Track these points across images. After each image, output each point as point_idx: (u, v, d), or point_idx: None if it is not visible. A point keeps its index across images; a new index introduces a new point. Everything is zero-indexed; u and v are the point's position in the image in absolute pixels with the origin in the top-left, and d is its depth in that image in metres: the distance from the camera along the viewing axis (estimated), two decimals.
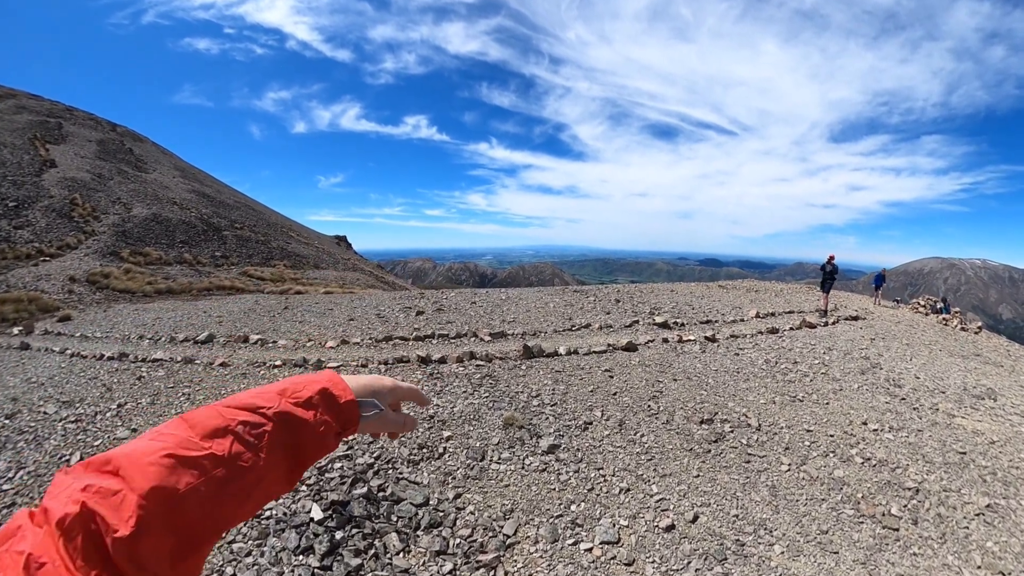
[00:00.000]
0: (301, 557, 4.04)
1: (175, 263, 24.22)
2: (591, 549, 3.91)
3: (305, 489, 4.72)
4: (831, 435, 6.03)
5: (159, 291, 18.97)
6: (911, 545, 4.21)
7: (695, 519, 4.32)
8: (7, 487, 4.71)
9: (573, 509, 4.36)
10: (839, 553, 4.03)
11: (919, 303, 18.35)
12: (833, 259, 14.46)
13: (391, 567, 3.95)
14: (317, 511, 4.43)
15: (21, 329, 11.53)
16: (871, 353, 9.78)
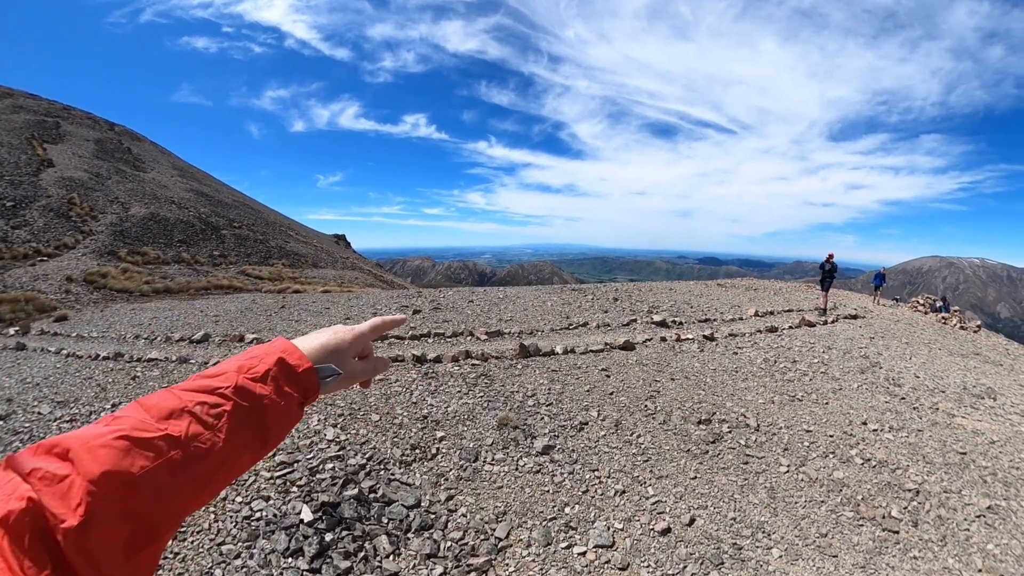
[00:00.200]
0: (290, 559, 3.99)
1: (173, 262, 24.14)
2: (584, 553, 3.83)
3: (296, 490, 4.66)
4: (831, 435, 5.95)
5: (156, 291, 18.91)
6: (911, 548, 4.14)
7: (692, 522, 4.24)
8: None
9: (567, 511, 4.28)
10: (838, 557, 3.95)
11: (918, 302, 18.29)
12: (832, 258, 14.38)
13: (380, 570, 3.89)
14: (307, 512, 4.38)
15: (17, 329, 11.46)
16: (870, 352, 9.70)
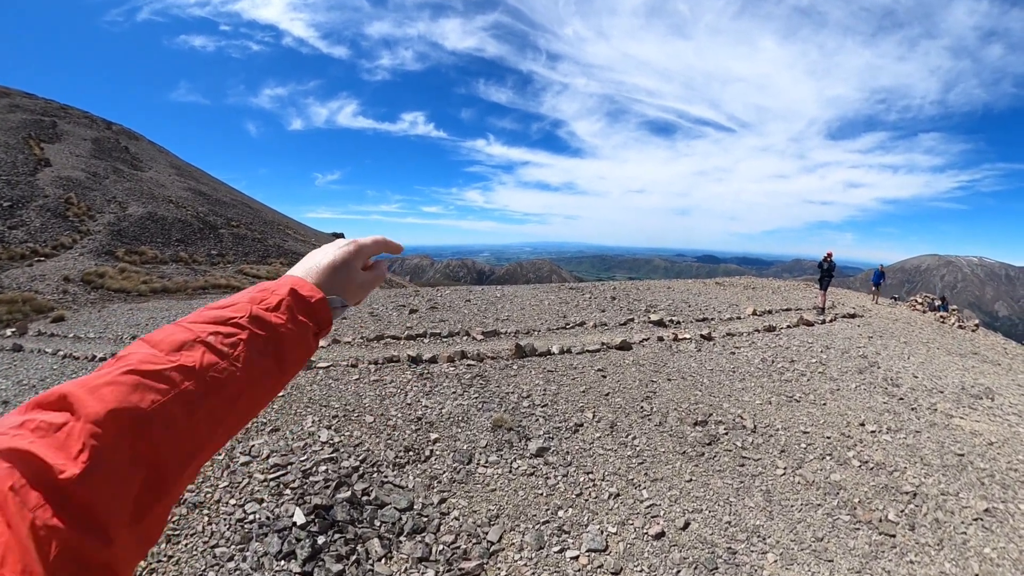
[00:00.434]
0: (283, 562, 3.97)
1: (171, 262, 24.09)
2: (577, 557, 3.78)
3: (289, 493, 4.63)
4: (828, 437, 5.91)
5: (154, 290, 18.87)
6: (908, 552, 4.09)
7: (686, 526, 4.19)
8: None
9: (560, 515, 4.24)
10: (834, 561, 3.91)
11: (917, 300, 18.26)
12: (831, 256, 14.35)
13: (372, 573, 3.85)
14: (300, 515, 4.35)
15: (14, 330, 11.41)
16: (869, 352, 9.66)
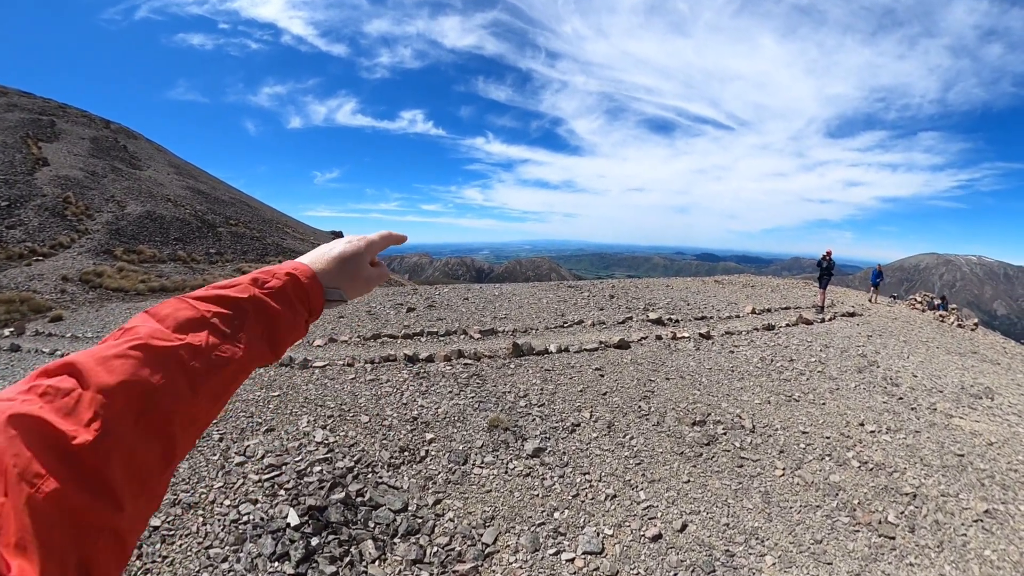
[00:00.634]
0: (277, 564, 3.93)
1: (169, 261, 24.00)
2: (573, 560, 3.73)
3: (283, 494, 4.59)
4: (827, 437, 5.86)
5: (152, 289, 18.79)
6: (908, 554, 4.05)
7: (683, 528, 4.14)
8: None
9: (556, 516, 4.19)
10: (833, 564, 3.86)
11: (916, 299, 18.22)
12: (831, 254, 14.29)
13: (366, 575, 3.81)
14: (294, 516, 4.31)
15: (12, 330, 11.34)
16: (868, 351, 9.62)
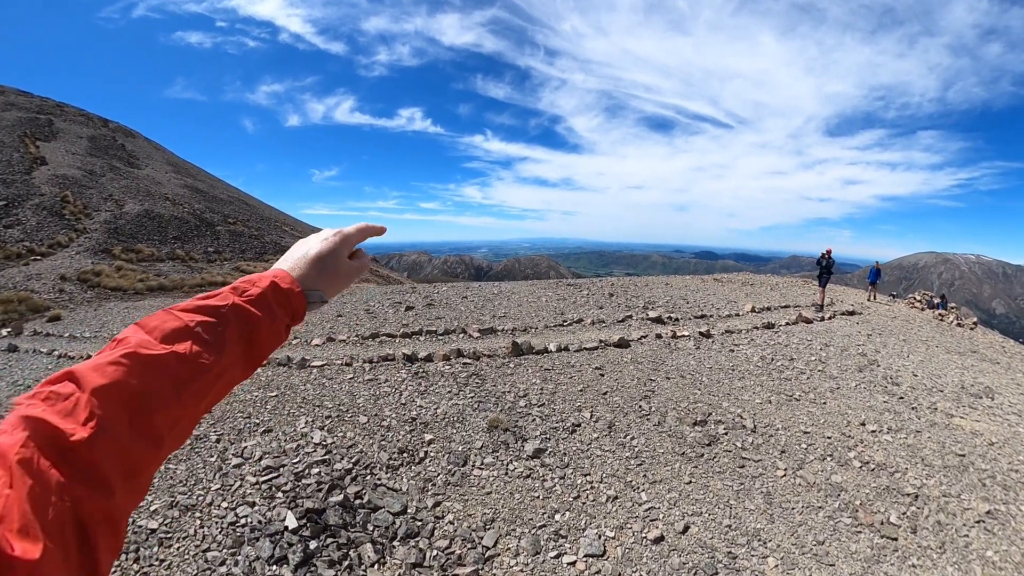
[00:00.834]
0: (275, 567, 3.89)
1: (167, 259, 23.91)
2: (574, 563, 3.70)
3: (281, 496, 4.55)
4: (828, 437, 5.83)
5: (151, 288, 18.71)
6: (910, 555, 4.03)
7: (685, 530, 4.11)
8: None
9: (557, 519, 4.15)
10: (835, 565, 3.83)
11: (915, 298, 18.22)
12: (830, 253, 14.28)
13: None
14: (292, 519, 4.27)
15: (10, 331, 11.29)
16: (868, 349, 9.59)
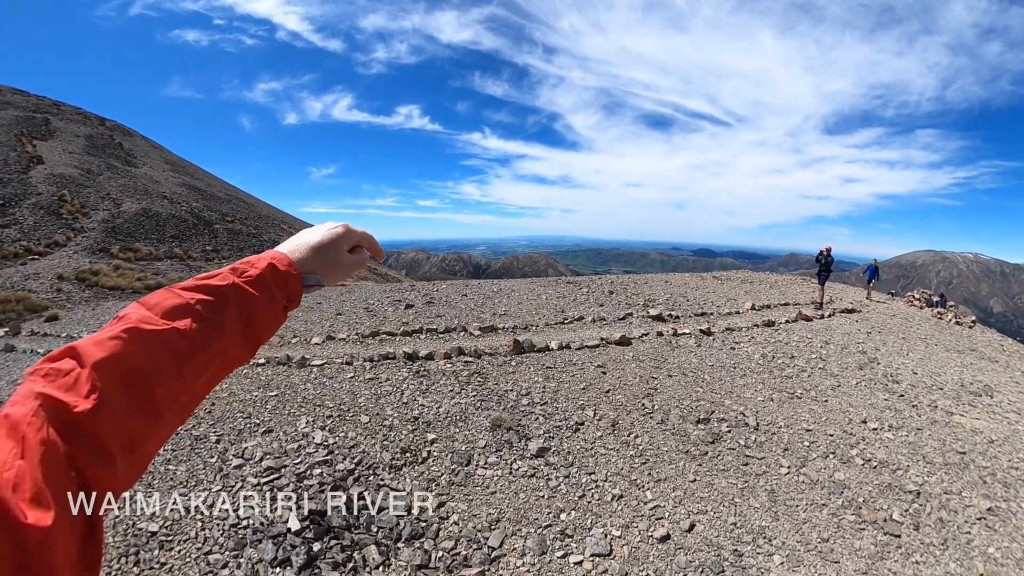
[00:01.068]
0: (278, 570, 3.88)
1: (165, 258, 23.82)
2: (581, 562, 3.70)
3: (283, 497, 4.53)
4: (831, 434, 5.85)
5: (149, 287, 18.65)
6: (913, 552, 4.04)
7: (691, 528, 4.12)
8: None
9: (563, 518, 4.15)
10: (840, 562, 3.84)
11: (914, 296, 18.26)
12: (830, 250, 14.29)
13: None
14: (295, 521, 4.25)
15: (7, 330, 11.23)
16: (868, 347, 9.62)
